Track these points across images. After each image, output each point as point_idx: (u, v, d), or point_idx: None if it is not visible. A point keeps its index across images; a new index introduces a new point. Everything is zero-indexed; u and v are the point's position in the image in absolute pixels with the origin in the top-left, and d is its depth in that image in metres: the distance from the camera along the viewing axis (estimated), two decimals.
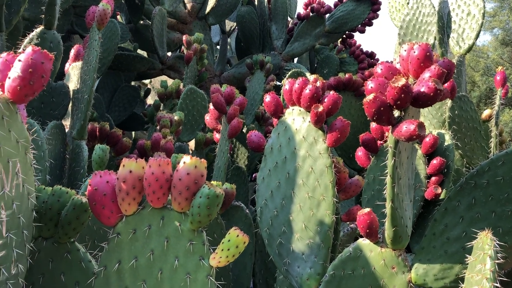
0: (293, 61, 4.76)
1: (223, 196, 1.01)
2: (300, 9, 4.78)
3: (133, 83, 4.81)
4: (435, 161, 2.36)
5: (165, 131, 2.79)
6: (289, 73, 3.06)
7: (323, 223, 1.70)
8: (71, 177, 2.13)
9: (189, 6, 4.44)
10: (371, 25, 4.80)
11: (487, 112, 3.01)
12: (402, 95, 1.33)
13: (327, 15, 4.63)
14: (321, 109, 1.68)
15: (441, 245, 1.54)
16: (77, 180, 2.08)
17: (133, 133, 4.85)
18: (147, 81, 5.43)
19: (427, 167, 2.40)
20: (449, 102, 2.69)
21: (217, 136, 2.63)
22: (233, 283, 2.12)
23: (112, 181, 1.06)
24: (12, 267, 0.97)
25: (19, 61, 0.93)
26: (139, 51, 4.62)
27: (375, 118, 1.38)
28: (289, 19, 4.95)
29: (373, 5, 4.69)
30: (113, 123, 3.67)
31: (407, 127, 1.34)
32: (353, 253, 1.58)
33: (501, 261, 1.18)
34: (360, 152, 2.49)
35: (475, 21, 2.85)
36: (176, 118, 2.94)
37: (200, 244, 1.03)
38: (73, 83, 2.40)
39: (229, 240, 1.01)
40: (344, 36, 5.07)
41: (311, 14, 4.55)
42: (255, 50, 4.57)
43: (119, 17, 4.76)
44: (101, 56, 2.22)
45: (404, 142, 1.42)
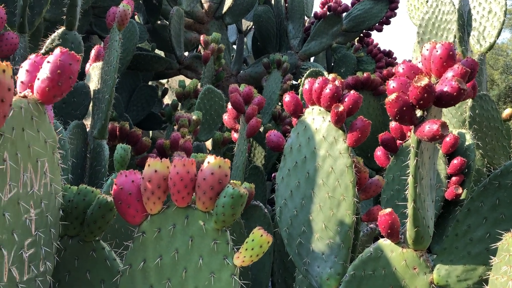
0: (309, 60, 4.75)
1: (247, 195, 1.02)
2: (316, 8, 4.76)
3: (151, 83, 4.85)
4: (455, 161, 2.33)
5: (184, 131, 2.81)
6: (307, 72, 3.05)
7: (343, 223, 1.69)
8: (92, 176, 2.16)
9: (206, 6, 4.46)
10: (388, 23, 4.76)
11: (508, 111, 2.97)
12: (425, 95, 1.32)
13: (344, 14, 4.61)
14: (341, 108, 1.67)
15: (464, 246, 1.52)
16: (98, 179, 2.11)
17: (150, 132, 4.90)
18: (164, 81, 5.47)
19: (448, 167, 2.38)
20: (469, 101, 2.66)
21: (235, 135, 2.63)
22: (252, 282, 2.13)
23: (137, 180, 1.08)
24: (40, 265, 0.99)
25: (48, 62, 0.95)
26: (157, 51, 4.65)
27: (397, 117, 1.37)
28: (305, 18, 4.93)
29: (391, 3, 4.65)
30: (132, 122, 3.71)
31: (430, 127, 1.33)
32: (374, 254, 1.57)
33: None
34: (379, 151, 2.47)
35: (496, 18, 2.80)
36: (194, 117, 2.96)
37: (224, 243, 1.04)
38: (93, 83, 2.43)
39: (253, 239, 1.01)
40: (361, 34, 5.04)
41: (328, 13, 4.53)
42: (272, 49, 4.57)
43: (137, 17, 4.81)
44: (120, 56, 2.25)
45: (426, 142, 1.40)
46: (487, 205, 1.53)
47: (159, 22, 4.65)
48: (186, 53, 4.63)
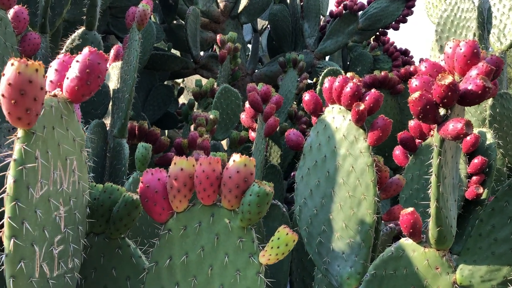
0: (325, 59, 4.74)
1: (272, 194, 1.02)
2: (332, 7, 4.73)
3: (166, 83, 4.88)
4: (476, 160, 2.31)
5: (201, 130, 2.82)
6: (325, 71, 3.05)
7: (364, 222, 1.69)
8: (112, 174, 2.18)
9: (222, 5, 4.47)
10: (405, 22, 4.72)
11: None
12: (449, 93, 1.31)
13: (360, 12, 4.59)
14: (362, 107, 1.67)
15: (488, 246, 1.50)
16: (119, 177, 2.13)
17: (166, 131, 4.92)
18: (179, 80, 5.50)
19: (468, 166, 2.35)
20: (490, 100, 2.63)
21: (252, 134, 2.64)
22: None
23: (163, 178, 1.09)
24: (69, 261, 1.01)
25: (77, 62, 0.96)
26: (172, 51, 4.68)
27: (420, 116, 1.36)
28: (321, 17, 4.92)
29: (408, 1, 4.61)
30: (149, 122, 3.73)
31: (454, 125, 1.31)
32: (395, 253, 1.57)
33: None
34: (397, 150, 2.45)
35: None
36: (211, 116, 2.97)
37: (249, 241, 1.04)
38: (113, 83, 2.45)
39: (278, 238, 1.01)
40: (377, 33, 5.00)
41: (344, 11, 4.51)
42: (287, 48, 4.57)
43: (153, 17, 4.84)
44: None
45: (450, 141, 1.39)
46: None
47: (175, 21, 4.67)
48: (201, 53, 4.65)
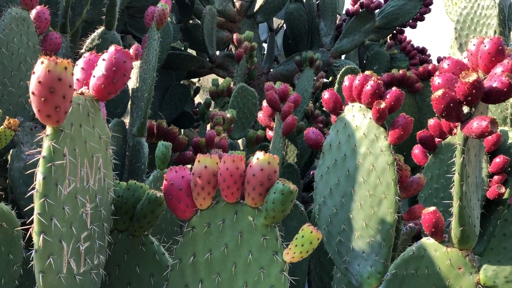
0: (341, 58, 4.72)
1: (296, 192, 1.02)
2: (348, 5, 4.70)
3: (182, 82, 4.90)
4: (498, 159, 2.27)
5: (218, 129, 2.83)
6: (342, 69, 3.03)
7: (384, 221, 1.67)
8: (132, 173, 2.20)
9: (238, 4, 4.48)
10: (422, 20, 4.67)
11: None
12: (473, 91, 1.29)
13: (377, 11, 4.55)
14: (383, 105, 1.66)
15: None
16: (138, 176, 2.15)
17: (182, 130, 4.95)
18: (195, 80, 5.52)
19: (489, 165, 2.32)
20: (511, 98, 2.58)
21: (270, 133, 2.64)
22: None
23: (187, 176, 1.09)
24: (94, 258, 1.02)
25: (103, 60, 0.97)
26: (188, 50, 4.70)
27: (444, 114, 1.35)
28: (337, 15, 4.90)
29: None
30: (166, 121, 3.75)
31: (479, 123, 1.30)
32: (417, 252, 1.55)
33: None
34: (416, 149, 2.43)
35: None
36: (228, 115, 2.98)
37: (273, 239, 1.04)
38: (132, 82, 2.47)
39: (302, 236, 1.01)
40: (394, 31, 4.96)
41: (360, 10, 4.48)
42: (303, 47, 4.55)
43: (169, 17, 4.86)
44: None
45: (473, 139, 1.38)
46: None
47: (191, 21, 4.69)
48: (217, 52, 4.66)
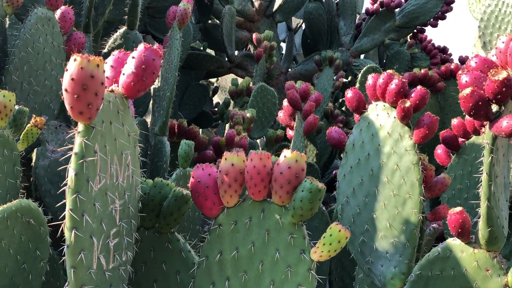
0: (360, 57, 4.68)
1: (325, 190, 1.01)
2: (367, 5, 4.66)
3: (201, 82, 4.93)
4: None
5: (239, 128, 2.83)
6: (364, 68, 3.01)
7: (408, 221, 1.66)
8: (154, 171, 2.22)
9: (257, 4, 4.48)
10: (444, 18, 4.61)
11: None
12: (503, 89, 1.27)
13: (397, 10, 4.51)
14: (408, 104, 1.64)
15: None
16: (160, 174, 2.16)
17: (200, 130, 4.97)
18: (213, 80, 5.54)
19: None
20: None
21: (290, 133, 2.63)
22: None
23: (214, 173, 1.09)
24: (123, 254, 1.03)
25: (133, 58, 0.98)
26: (207, 50, 4.72)
27: (472, 113, 1.33)
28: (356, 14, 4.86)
29: None
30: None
31: (509, 122, 1.27)
32: (442, 253, 1.53)
33: None
34: (439, 149, 2.40)
35: None
36: (248, 115, 2.98)
37: (300, 237, 1.04)
38: None
39: (330, 234, 1.01)
40: (414, 30, 4.90)
41: (380, 9, 4.45)
42: (323, 46, 4.53)
43: None
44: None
45: (502, 138, 1.35)
46: None
47: (210, 21, 4.71)
48: (236, 52, 4.67)
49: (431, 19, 4.60)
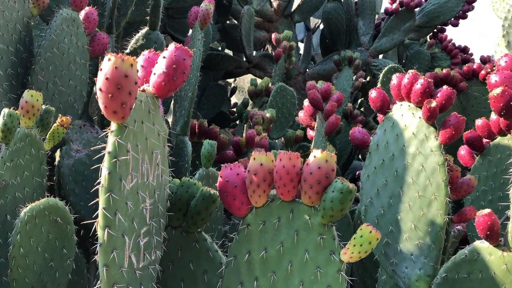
0: (378, 57, 4.65)
1: (355, 191, 1.00)
2: (386, 4, 4.62)
3: (219, 82, 4.94)
4: None
5: (258, 128, 2.83)
6: (386, 69, 2.98)
7: (434, 223, 1.63)
8: (175, 171, 2.22)
9: (275, 4, 4.48)
10: (465, 18, 4.54)
11: None
12: None
13: (417, 9, 4.46)
14: (434, 104, 1.62)
15: None
16: (182, 174, 2.17)
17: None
18: (231, 80, 5.55)
19: None
20: None
21: (310, 133, 2.62)
22: None
23: (242, 173, 1.09)
24: (152, 253, 1.03)
25: (163, 58, 0.98)
26: (226, 50, 4.73)
27: (503, 113, 1.31)
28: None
29: None
30: None
31: None
32: (469, 256, 1.50)
33: None
34: (463, 150, 2.36)
35: None
36: (268, 115, 2.98)
37: (330, 238, 1.03)
38: None
39: (361, 236, 0.99)
40: (435, 30, 4.84)
41: (400, 8, 4.40)
42: (341, 46, 4.51)
43: None
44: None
45: None
46: None
47: (228, 22, 4.72)
48: (254, 52, 4.67)
49: (452, 18, 4.54)
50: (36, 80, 1.96)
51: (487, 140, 2.21)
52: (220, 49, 4.53)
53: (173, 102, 2.49)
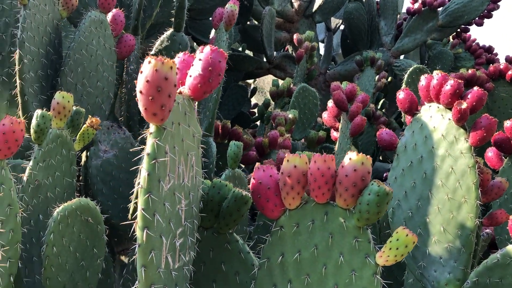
0: (400, 58, 4.60)
1: (392, 194, 1.00)
2: (407, 4, 4.56)
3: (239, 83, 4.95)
4: None
5: (281, 129, 2.83)
6: (410, 69, 2.95)
7: (464, 226, 1.61)
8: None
9: (296, 5, 4.47)
10: (490, 17, 4.46)
11: None
12: None
13: (440, 9, 4.40)
14: (465, 106, 1.59)
15: None
16: (207, 175, 2.18)
17: None
18: (250, 81, 5.56)
19: None
20: None
21: (334, 134, 2.60)
22: None
23: (275, 175, 1.09)
24: (186, 254, 1.04)
25: (199, 60, 0.99)
26: (246, 51, 4.74)
27: None
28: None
29: None
30: None
31: None
32: (502, 260, 1.48)
33: None
34: (490, 152, 2.32)
35: None
36: (290, 116, 2.97)
37: (365, 241, 1.02)
38: None
39: (397, 239, 0.99)
40: (458, 29, 4.77)
41: (422, 8, 4.35)
42: (363, 46, 4.48)
43: None
44: None
45: None
46: None
47: (248, 22, 4.73)
48: (274, 53, 4.67)
49: (476, 18, 4.46)
50: (65, 81, 1.99)
51: None
52: (240, 49, 4.53)
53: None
